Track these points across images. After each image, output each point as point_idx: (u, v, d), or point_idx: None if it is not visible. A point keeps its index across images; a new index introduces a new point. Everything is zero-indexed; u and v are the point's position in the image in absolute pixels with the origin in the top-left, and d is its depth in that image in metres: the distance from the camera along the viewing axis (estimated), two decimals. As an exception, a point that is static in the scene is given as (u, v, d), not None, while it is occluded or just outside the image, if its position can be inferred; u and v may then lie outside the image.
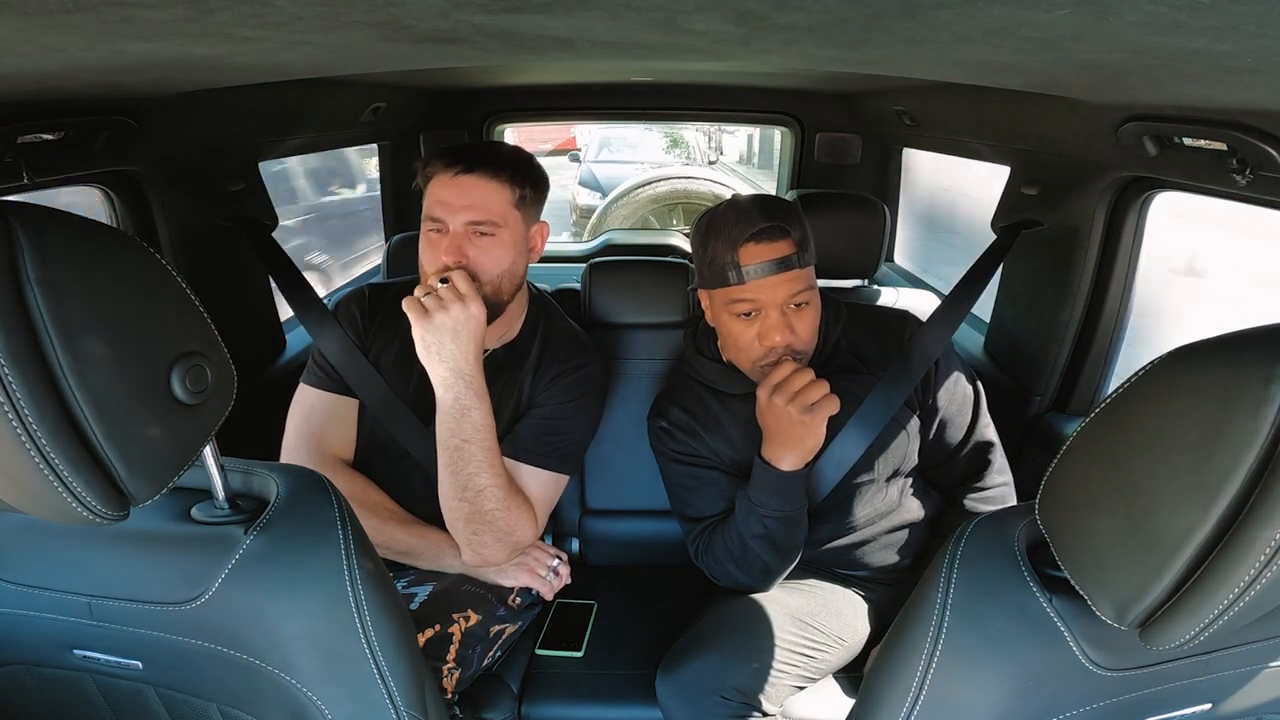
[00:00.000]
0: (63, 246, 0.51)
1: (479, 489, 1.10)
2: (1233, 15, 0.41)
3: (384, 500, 1.21)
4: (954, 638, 0.63)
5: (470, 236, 1.11)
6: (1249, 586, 0.47)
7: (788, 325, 1.11)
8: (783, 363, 1.09)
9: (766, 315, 1.11)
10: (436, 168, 1.13)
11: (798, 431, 1.07)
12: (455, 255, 1.10)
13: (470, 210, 1.11)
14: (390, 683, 0.68)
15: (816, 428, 1.08)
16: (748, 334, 1.13)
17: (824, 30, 0.58)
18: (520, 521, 1.15)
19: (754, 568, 1.17)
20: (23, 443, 0.49)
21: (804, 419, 1.06)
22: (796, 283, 1.10)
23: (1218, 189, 1.03)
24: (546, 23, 0.58)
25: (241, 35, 0.59)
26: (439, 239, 1.12)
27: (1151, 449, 0.51)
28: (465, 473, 1.10)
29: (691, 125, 8.80)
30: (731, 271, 1.10)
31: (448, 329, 1.06)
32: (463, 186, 1.11)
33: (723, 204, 1.16)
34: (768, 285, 1.09)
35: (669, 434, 1.25)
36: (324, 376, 1.23)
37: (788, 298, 1.10)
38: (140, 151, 1.19)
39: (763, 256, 1.08)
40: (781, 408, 1.06)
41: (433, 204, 1.12)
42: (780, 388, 1.07)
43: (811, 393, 1.06)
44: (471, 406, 1.09)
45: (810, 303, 1.13)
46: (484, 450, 1.10)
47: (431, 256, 1.13)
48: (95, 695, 0.75)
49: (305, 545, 0.67)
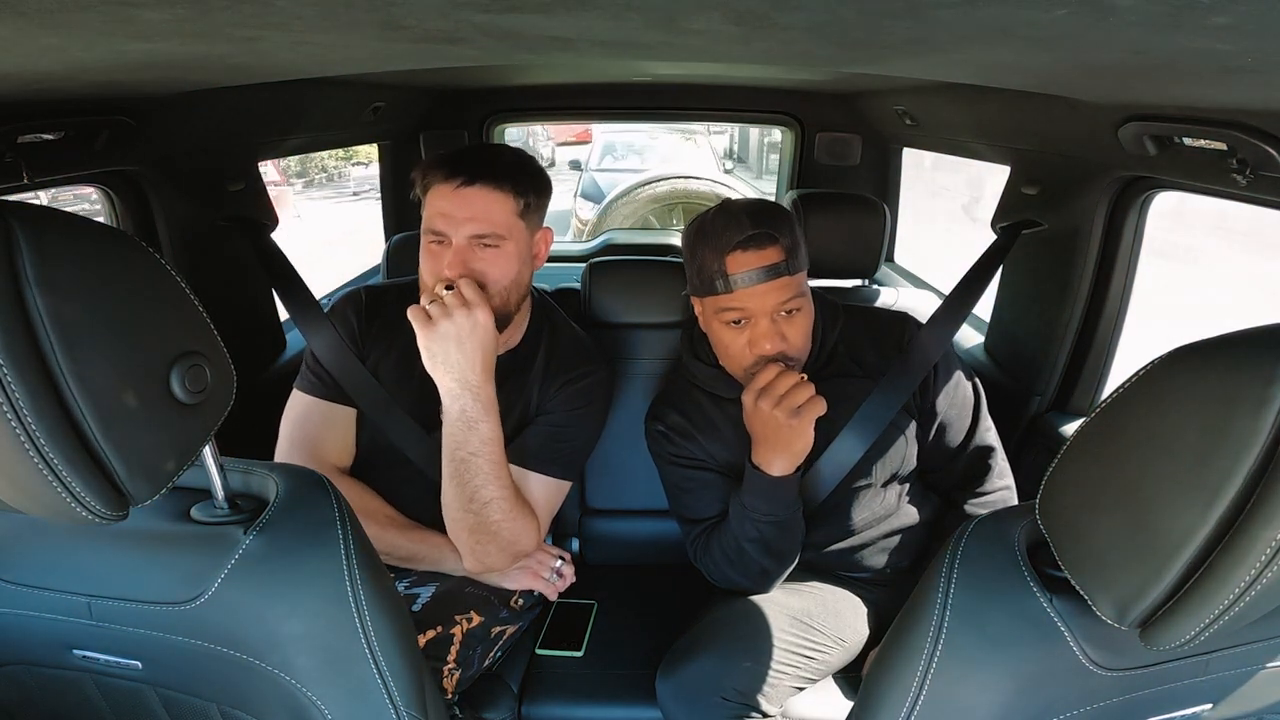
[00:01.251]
0: (62, 247, 0.51)
1: (485, 500, 1.09)
2: (1233, 15, 0.41)
3: (383, 507, 1.19)
4: (954, 638, 0.63)
5: (474, 249, 1.08)
6: (1249, 587, 0.47)
7: (778, 333, 1.10)
8: (767, 366, 1.07)
9: (756, 323, 1.10)
10: (436, 178, 1.08)
11: (785, 435, 1.06)
12: (459, 269, 1.07)
13: (473, 223, 1.07)
14: (390, 682, 0.68)
15: (804, 431, 1.06)
16: (738, 342, 1.11)
17: (824, 30, 0.58)
18: (524, 531, 1.14)
19: (751, 571, 1.17)
20: (22, 443, 0.49)
21: (791, 422, 1.04)
22: (786, 290, 1.08)
23: (1218, 189, 1.03)
24: (546, 23, 0.58)
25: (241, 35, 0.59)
26: (441, 251, 1.09)
27: (1152, 449, 0.51)
28: (471, 485, 1.08)
29: (699, 125, 8.23)
30: (719, 280, 1.08)
31: (453, 337, 1.03)
32: (465, 199, 1.07)
33: (712, 210, 1.14)
34: (756, 294, 1.07)
35: (666, 437, 1.25)
36: (318, 382, 1.20)
37: (777, 305, 1.08)
38: (140, 151, 1.19)
39: (750, 265, 1.06)
40: (768, 412, 1.05)
41: (433, 216, 1.09)
42: (765, 392, 1.05)
43: (797, 395, 1.04)
44: (479, 419, 1.06)
45: (802, 309, 1.11)
46: (491, 463, 1.08)
47: (433, 268, 1.10)
48: (95, 695, 0.75)
49: (305, 545, 0.67)
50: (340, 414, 1.20)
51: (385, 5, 0.50)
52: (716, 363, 1.23)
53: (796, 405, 1.04)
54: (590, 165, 7.35)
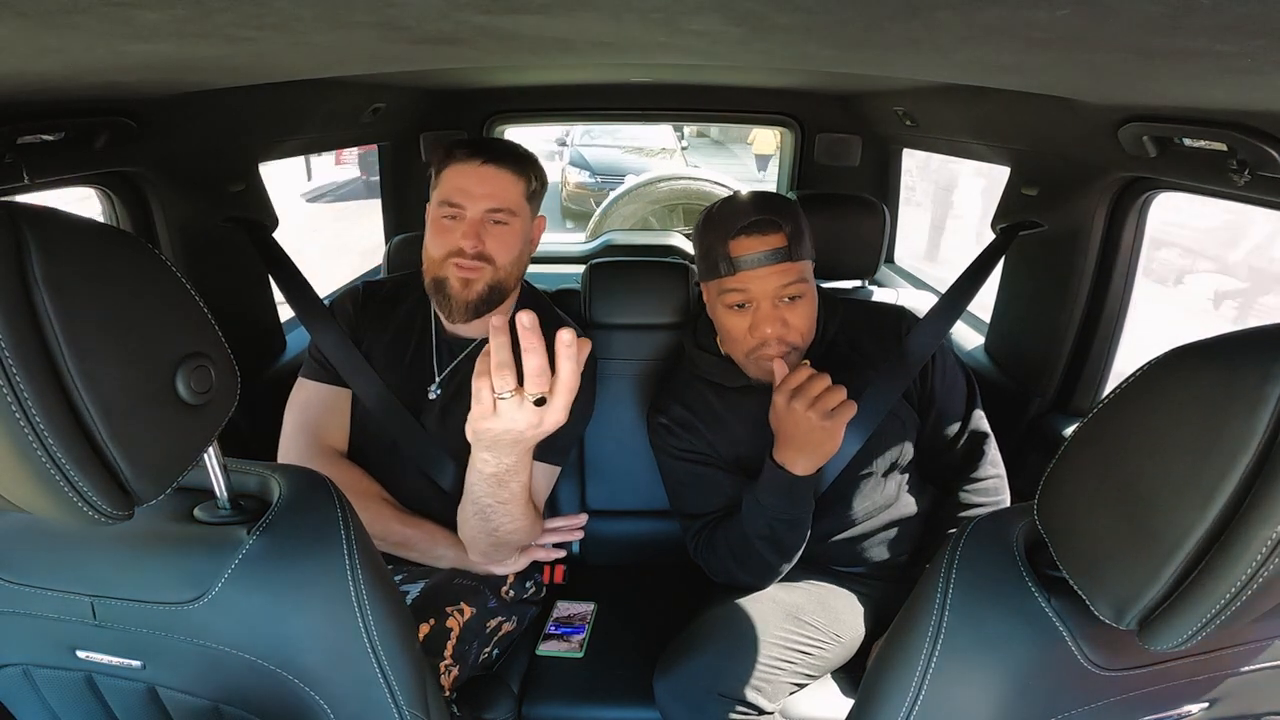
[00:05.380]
0: (69, 248, 0.51)
1: (510, 530, 1.09)
2: (1233, 15, 0.41)
3: (380, 492, 1.22)
4: (953, 638, 0.63)
5: (486, 224, 1.15)
6: (1246, 585, 0.47)
7: (779, 318, 1.12)
8: (800, 368, 1.07)
9: (758, 307, 1.12)
10: (458, 156, 1.16)
11: (816, 437, 1.06)
12: (474, 241, 1.14)
13: (490, 198, 1.15)
14: (392, 682, 0.68)
15: (835, 433, 1.06)
16: (740, 325, 1.14)
17: (824, 30, 0.58)
18: (532, 529, 1.15)
19: (756, 566, 1.18)
20: (30, 443, 0.49)
21: (824, 424, 1.04)
22: (787, 274, 1.10)
23: (1218, 189, 1.03)
24: (546, 23, 0.58)
25: (241, 36, 0.59)
26: (454, 225, 1.15)
27: (1149, 449, 0.51)
28: (495, 522, 1.07)
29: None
30: (723, 263, 1.11)
31: (510, 438, 0.89)
32: (484, 176, 1.14)
33: (721, 199, 1.18)
34: (758, 276, 1.10)
35: (668, 430, 1.26)
36: (319, 369, 1.25)
37: (778, 289, 1.11)
38: (140, 152, 1.19)
39: (753, 248, 1.10)
40: (801, 413, 1.04)
41: (451, 190, 1.15)
42: (799, 393, 1.05)
43: (830, 398, 1.04)
44: (511, 479, 1.00)
45: (804, 296, 1.13)
46: (520, 506, 1.06)
47: (442, 241, 1.16)
48: (97, 695, 0.75)
49: (308, 545, 0.67)
50: (340, 398, 1.25)
51: (385, 6, 0.50)
52: (720, 352, 1.24)
53: (830, 408, 1.04)
54: (574, 142, 9.23)
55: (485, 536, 1.10)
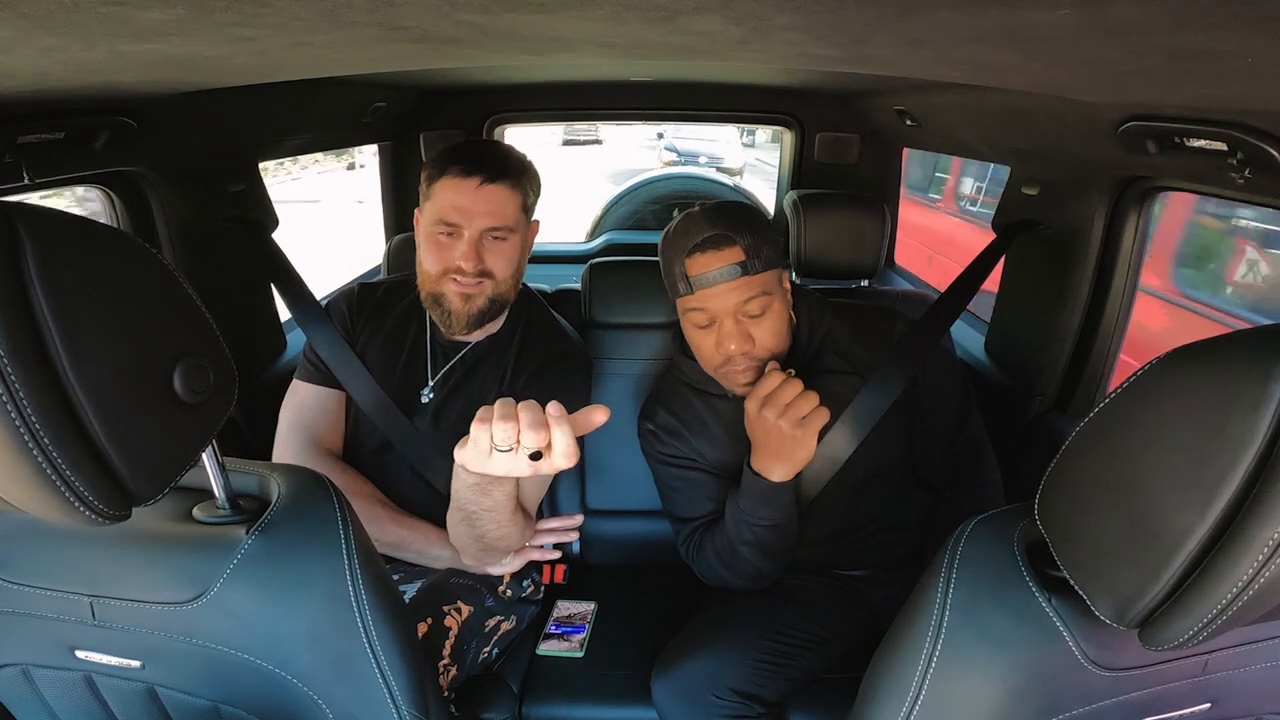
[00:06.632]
0: (66, 247, 0.51)
1: (496, 537, 1.09)
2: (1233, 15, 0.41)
3: (374, 492, 1.22)
4: (954, 637, 0.63)
5: (485, 241, 1.15)
6: (1247, 586, 0.47)
7: (744, 333, 1.10)
8: (769, 375, 1.07)
9: (721, 324, 1.10)
10: (453, 171, 1.13)
11: (788, 445, 1.06)
12: (474, 261, 1.13)
13: (489, 217, 1.13)
14: (391, 681, 0.68)
15: (808, 441, 1.06)
16: (708, 342, 1.13)
17: (824, 30, 0.58)
18: (521, 536, 1.14)
19: (745, 572, 1.17)
20: (26, 443, 0.49)
21: (795, 433, 1.04)
22: (748, 289, 1.08)
23: (1218, 189, 1.03)
24: (546, 23, 0.58)
25: (241, 35, 0.59)
26: (450, 242, 1.14)
27: (1150, 449, 0.51)
28: (482, 528, 1.06)
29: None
30: (681, 282, 1.11)
31: (499, 473, 0.84)
32: (482, 195, 1.13)
33: (681, 215, 1.15)
34: (716, 294, 1.08)
35: (655, 436, 1.26)
36: (314, 370, 1.25)
37: (739, 305, 1.09)
38: (140, 151, 1.19)
39: (709, 266, 1.08)
40: (772, 421, 1.05)
41: (446, 208, 1.13)
42: (770, 400, 1.05)
43: (802, 405, 1.04)
44: (493, 488, 0.98)
45: (769, 309, 1.11)
46: (506, 513, 1.05)
47: (439, 258, 1.15)
48: (96, 695, 0.75)
49: (307, 545, 0.67)
50: (334, 399, 1.25)
51: (385, 6, 0.50)
52: None
53: (801, 415, 1.04)
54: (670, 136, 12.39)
55: (473, 541, 1.09)
